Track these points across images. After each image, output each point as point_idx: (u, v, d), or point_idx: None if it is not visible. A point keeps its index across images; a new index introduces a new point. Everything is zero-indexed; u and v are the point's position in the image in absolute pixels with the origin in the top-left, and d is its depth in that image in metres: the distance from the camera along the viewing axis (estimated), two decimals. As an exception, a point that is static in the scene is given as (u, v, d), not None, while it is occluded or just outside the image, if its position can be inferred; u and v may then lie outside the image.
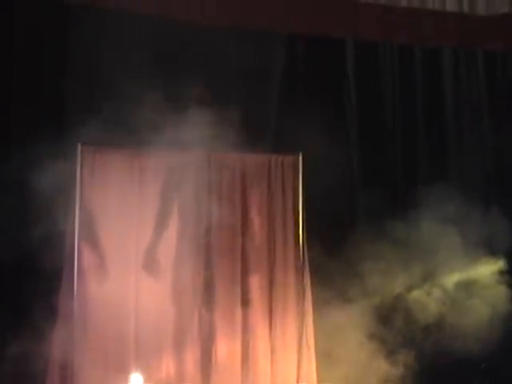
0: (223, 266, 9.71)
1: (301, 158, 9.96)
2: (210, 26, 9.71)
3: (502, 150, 10.15)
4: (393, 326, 9.29)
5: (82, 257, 9.33)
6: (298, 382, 9.70)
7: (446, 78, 10.45)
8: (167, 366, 9.50)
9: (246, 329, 9.72)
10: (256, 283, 9.79)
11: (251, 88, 9.84)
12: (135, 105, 9.20)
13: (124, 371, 9.33)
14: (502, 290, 9.13)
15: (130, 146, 9.47)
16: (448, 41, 10.42)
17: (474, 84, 10.43)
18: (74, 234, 9.30)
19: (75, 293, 9.23)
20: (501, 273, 9.31)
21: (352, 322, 9.33)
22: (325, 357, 9.61)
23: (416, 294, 9.37)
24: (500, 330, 8.88)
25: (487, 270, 9.20)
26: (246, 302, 9.75)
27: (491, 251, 9.34)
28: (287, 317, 9.82)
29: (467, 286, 9.26)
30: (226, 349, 9.67)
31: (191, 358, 9.56)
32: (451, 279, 9.17)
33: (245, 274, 9.79)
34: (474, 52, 10.54)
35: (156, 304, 9.49)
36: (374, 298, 9.28)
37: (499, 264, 9.30)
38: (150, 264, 9.46)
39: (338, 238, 9.54)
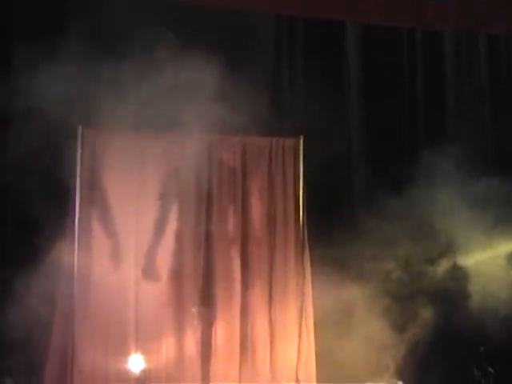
0: (223, 249, 9.70)
1: (301, 141, 9.93)
2: (211, 6, 9.64)
3: (502, 132, 10.07)
4: (396, 304, 9.21)
5: (83, 240, 9.32)
6: (297, 365, 9.69)
7: (447, 61, 10.37)
8: (167, 349, 9.50)
9: (245, 312, 9.72)
10: (256, 267, 9.79)
11: (251, 71, 9.78)
12: (136, 88, 9.16)
13: (124, 354, 9.36)
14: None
15: (130, 129, 9.45)
16: (450, 24, 10.34)
17: (475, 66, 10.36)
18: (74, 218, 9.29)
19: (75, 276, 9.23)
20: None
21: (353, 303, 9.28)
22: (324, 340, 9.51)
23: (420, 270, 9.29)
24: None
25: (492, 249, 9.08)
26: (245, 286, 9.74)
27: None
28: (287, 300, 9.82)
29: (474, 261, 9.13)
30: (225, 332, 9.69)
31: (191, 341, 9.57)
32: (454, 254, 9.02)
33: (245, 257, 9.77)
34: (476, 35, 10.46)
35: (156, 287, 9.51)
36: (376, 278, 9.18)
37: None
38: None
39: (338, 221, 9.52)
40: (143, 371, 9.36)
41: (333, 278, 9.33)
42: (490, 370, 7.73)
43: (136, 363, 9.36)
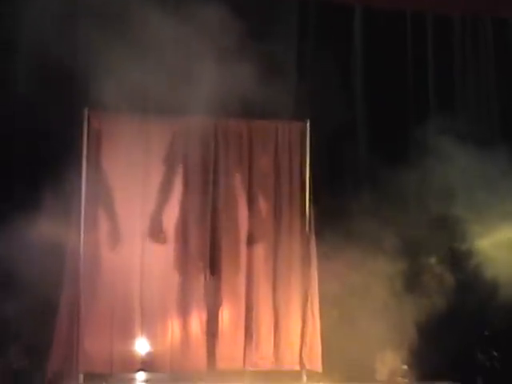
0: (229, 233, 9.69)
1: (308, 124, 9.90)
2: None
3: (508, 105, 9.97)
4: (402, 288, 9.19)
5: (88, 222, 9.33)
6: (301, 349, 9.69)
7: (455, 44, 10.29)
8: (172, 331, 9.52)
9: (250, 296, 9.72)
10: (261, 251, 9.78)
11: (258, 55, 9.73)
12: (143, 71, 9.14)
13: (129, 336, 9.40)
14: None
15: (136, 112, 9.44)
16: (459, 8, 10.27)
17: (482, 49, 10.27)
18: (80, 199, 9.30)
19: (81, 258, 9.25)
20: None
21: (360, 287, 9.26)
22: (330, 325, 9.50)
23: (427, 252, 9.24)
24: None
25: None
26: (251, 270, 9.73)
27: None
28: (292, 284, 9.82)
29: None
30: (230, 315, 9.70)
31: (196, 323, 9.59)
32: (462, 233, 8.92)
33: (250, 241, 9.77)
34: (484, 19, 10.38)
35: (161, 269, 9.53)
36: (383, 260, 9.14)
37: None
38: (155, 232, 9.44)
39: (345, 204, 9.47)
40: (148, 354, 9.41)
41: (339, 262, 9.28)
42: (495, 353, 7.70)
43: (141, 346, 9.42)
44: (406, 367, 9.43)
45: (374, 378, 9.36)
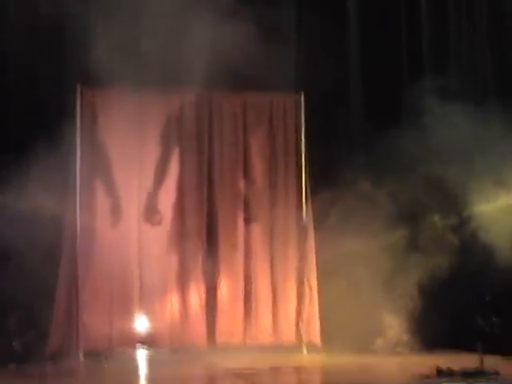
0: (225, 207, 9.68)
1: (303, 97, 9.87)
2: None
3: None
4: (401, 255, 9.19)
5: (84, 197, 9.30)
6: (297, 322, 9.70)
7: (449, 5, 10.15)
8: (171, 306, 9.51)
9: (248, 270, 9.72)
10: (258, 224, 9.78)
11: (253, 27, 9.65)
12: (135, 45, 9.08)
13: (129, 312, 9.39)
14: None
15: (130, 86, 9.35)
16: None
17: (477, 10, 10.13)
18: (75, 176, 9.25)
19: (78, 233, 9.21)
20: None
21: (355, 261, 9.25)
22: (327, 298, 9.51)
23: (426, 217, 9.23)
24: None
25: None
26: (248, 244, 9.72)
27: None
28: (289, 258, 9.83)
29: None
30: (229, 290, 9.70)
31: (195, 299, 9.59)
32: (461, 198, 8.85)
33: (247, 215, 9.76)
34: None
35: (160, 245, 9.52)
36: (379, 229, 9.12)
37: None
38: (150, 213, 9.42)
39: (340, 175, 9.42)
40: (148, 330, 9.41)
41: (336, 231, 9.26)
42: (495, 319, 7.71)
43: (140, 322, 9.41)
44: (406, 337, 9.42)
45: (374, 349, 9.33)
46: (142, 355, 9.35)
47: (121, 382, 7.44)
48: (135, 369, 8.78)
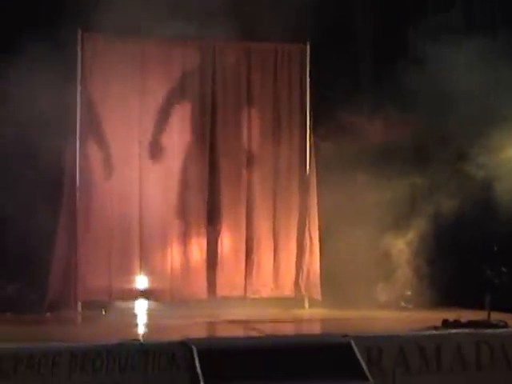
0: (228, 155, 9.50)
1: (308, 47, 9.66)
2: None
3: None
4: (405, 208, 9.01)
5: (84, 148, 9.11)
6: (297, 275, 9.56)
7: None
8: (172, 259, 9.34)
9: (250, 223, 9.55)
10: (261, 176, 9.60)
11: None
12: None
13: (128, 264, 9.22)
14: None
15: (131, 34, 9.16)
16: None
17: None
18: (75, 124, 9.06)
19: (77, 186, 9.03)
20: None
21: (359, 214, 9.08)
22: (331, 252, 9.34)
23: (435, 165, 9.03)
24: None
25: None
26: (250, 198, 9.54)
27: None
28: (291, 211, 9.68)
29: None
30: (230, 243, 9.55)
31: (197, 252, 9.42)
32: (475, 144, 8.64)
33: (250, 167, 9.58)
34: None
35: (160, 197, 9.33)
36: (386, 181, 8.92)
37: None
38: (154, 151, 9.23)
39: (345, 129, 9.22)
40: (148, 282, 9.26)
41: (339, 188, 9.07)
42: (504, 269, 7.56)
43: (140, 274, 9.27)
44: (409, 293, 9.27)
45: (377, 304, 9.17)
46: (141, 307, 9.20)
47: (119, 330, 7.24)
48: (134, 318, 8.63)
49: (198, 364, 6.10)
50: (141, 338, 6.87)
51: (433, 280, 8.95)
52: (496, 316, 7.42)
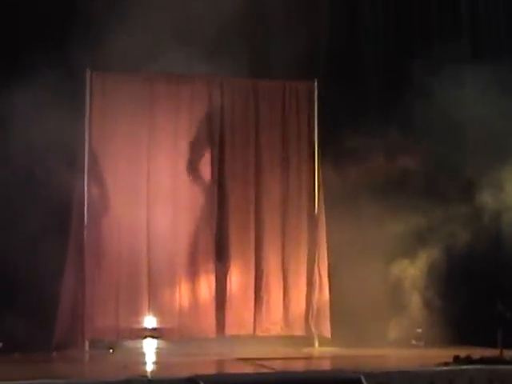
0: (236, 195, 9.48)
1: (316, 84, 9.68)
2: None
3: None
4: (417, 242, 8.96)
5: (94, 183, 9.11)
6: (306, 313, 9.46)
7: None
8: (180, 297, 9.27)
9: (259, 261, 9.49)
10: (269, 213, 9.55)
11: (264, 13, 9.51)
12: (145, 30, 8.93)
13: (136, 302, 9.15)
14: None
15: (140, 73, 9.22)
16: None
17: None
18: (84, 162, 9.07)
19: (86, 220, 9.00)
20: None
21: (368, 249, 9.01)
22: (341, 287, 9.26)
23: (443, 198, 8.99)
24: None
25: None
26: (259, 235, 9.50)
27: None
28: (300, 248, 9.62)
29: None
30: (239, 282, 9.49)
31: (205, 291, 9.35)
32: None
33: (258, 205, 9.53)
34: None
35: (169, 234, 9.29)
36: (394, 216, 8.89)
37: None
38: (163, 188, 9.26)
39: (353, 164, 9.21)
40: (156, 320, 9.18)
41: (347, 225, 9.03)
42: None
43: (148, 312, 9.18)
44: (420, 330, 9.17)
45: (387, 342, 9.06)
46: (149, 346, 9.12)
47: (126, 367, 7.14)
48: (142, 357, 8.55)
49: (205, 401, 6.01)
50: (148, 374, 6.76)
51: (444, 316, 8.83)
52: (509, 353, 7.31)
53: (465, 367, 6.93)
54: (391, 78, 9.49)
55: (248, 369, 7.46)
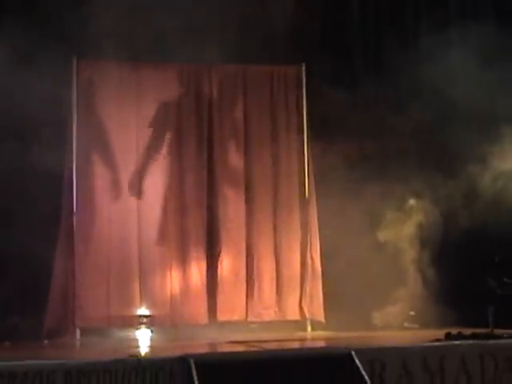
0: (226, 180, 9.46)
1: (304, 68, 9.66)
2: None
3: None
4: (407, 224, 8.95)
5: (82, 173, 9.07)
6: (300, 297, 9.44)
7: None
8: (171, 284, 9.23)
9: (250, 244, 9.46)
10: (260, 197, 9.53)
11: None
12: (133, 17, 8.89)
13: (127, 289, 9.11)
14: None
15: (127, 59, 9.19)
16: None
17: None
18: (72, 151, 9.03)
19: (75, 209, 8.97)
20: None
21: (359, 235, 8.99)
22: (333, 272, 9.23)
23: (431, 181, 8.97)
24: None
25: None
26: (250, 219, 9.46)
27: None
28: (292, 232, 9.59)
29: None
30: (230, 266, 9.45)
31: (196, 275, 9.31)
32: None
33: (249, 189, 9.52)
34: None
35: (159, 220, 9.25)
36: (383, 201, 8.87)
37: None
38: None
39: (344, 150, 9.18)
40: (148, 308, 9.14)
41: (339, 208, 9.01)
42: (506, 279, 7.45)
43: (140, 301, 9.14)
44: (413, 313, 9.14)
45: (381, 325, 9.04)
46: (141, 333, 9.07)
47: (117, 350, 7.12)
48: (134, 342, 8.49)
49: (196, 378, 5.96)
50: (139, 355, 6.71)
51: (436, 298, 8.80)
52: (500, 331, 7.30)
53: (456, 343, 6.92)
54: (380, 59, 9.44)
55: (239, 349, 7.41)
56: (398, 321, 9.18)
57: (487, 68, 8.25)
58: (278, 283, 9.47)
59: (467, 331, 7.38)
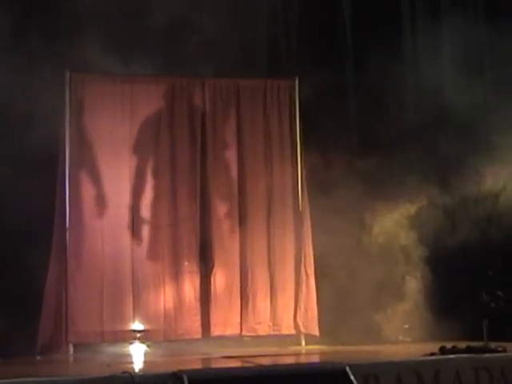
0: (219, 196, 9.41)
1: (297, 82, 9.65)
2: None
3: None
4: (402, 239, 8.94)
5: (75, 187, 9.03)
6: (295, 312, 9.40)
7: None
8: (165, 299, 9.19)
9: (244, 260, 9.43)
10: (253, 213, 9.49)
11: (246, 12, 9.50)
12: (125, 30, 8.91)
13: (120, 304, 9.06)
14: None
15: (119, 72, 9.18)
16: None
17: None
18: (64, 164, 9.00)
19: (67, 224, 8.93)
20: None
21: (352, 243, 8.97)
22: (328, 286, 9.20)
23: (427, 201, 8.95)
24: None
25: None
26: (243, 233, 9.43)
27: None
28: (286, 246, 9.55)
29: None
30: (224, 281, 9.40)
31: (189, 291, 9.27)
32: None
33: (242, 202, 9.48)
34: None
35: (152, 237, 9.20)
36: (378, 217, 8.85)
37: None
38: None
39: (337, 162, 9.18)
40: (141, 323, 9.09)
41: (333, 220, 8.98)
42: (500, 293, 7.43)
43: (133, 317, 9.10)
44: (407, 326, 9.12)
45: (376, 339, 9.01)
46: (135, 348, 9.02)
47: (110, 366, 7.04)
48: (127, 357, 8.45)
49: (189, 394, 5.92)
50: (132, 371, 6.66)
51: (430, 311, 8.78)
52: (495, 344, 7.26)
53: (451, 356, 6.88)
54: (374, 70, 9.43)
55: (234, 364, 7.36)
56: (393, 334, 9.14)
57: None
58: (271, 297, 9.42)
59: (462, 345, 7.34)
